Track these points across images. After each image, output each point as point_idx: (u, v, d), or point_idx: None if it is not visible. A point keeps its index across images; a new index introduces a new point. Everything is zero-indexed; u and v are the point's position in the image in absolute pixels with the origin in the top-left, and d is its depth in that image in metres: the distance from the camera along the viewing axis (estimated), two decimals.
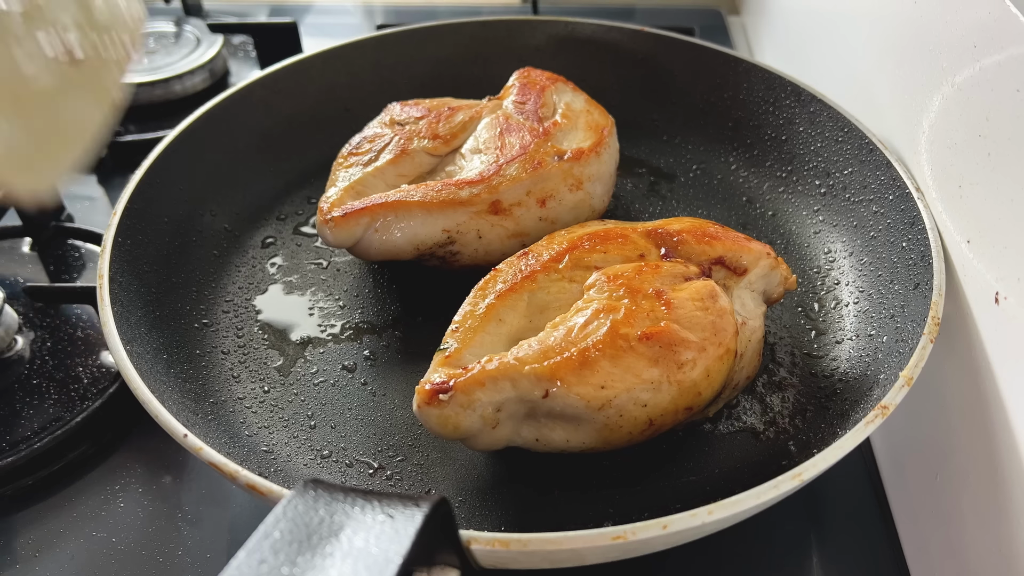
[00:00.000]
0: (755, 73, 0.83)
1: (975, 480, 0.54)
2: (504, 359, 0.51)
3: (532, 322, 0.56)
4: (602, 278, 0.56)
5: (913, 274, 0.61)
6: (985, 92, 0.55)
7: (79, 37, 0.40)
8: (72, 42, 0.39)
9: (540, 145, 0.70)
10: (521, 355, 0.52)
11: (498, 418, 0.52)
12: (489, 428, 0.52)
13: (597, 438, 0.53)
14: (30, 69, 0.37)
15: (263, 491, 0.46)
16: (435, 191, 0.67)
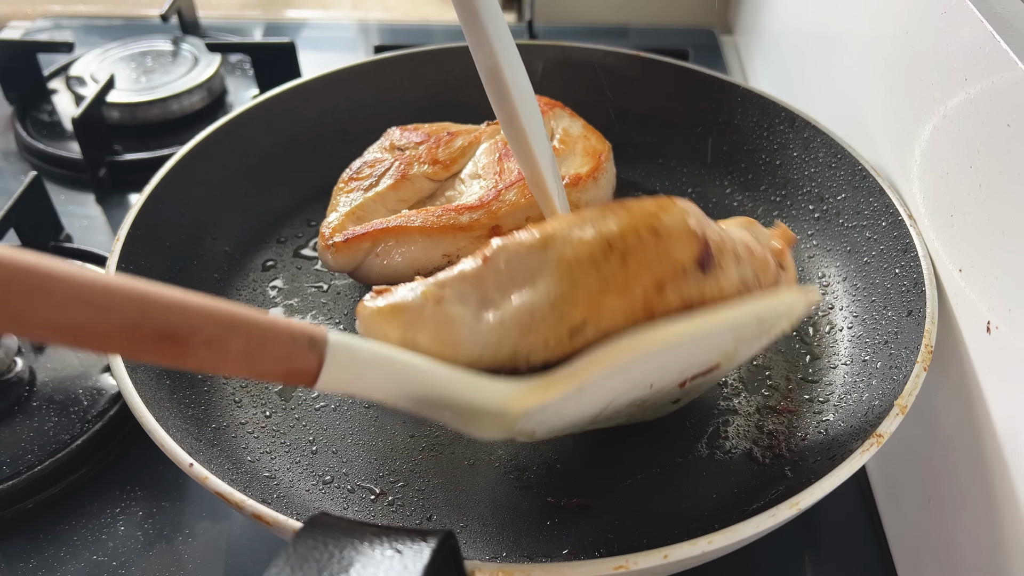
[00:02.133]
0: (750, 99, 0.85)
1: (969, 506, 0.55)
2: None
3: None
4: None
5: (906, 301, 0.62)
6: (976, 124, 0.56)
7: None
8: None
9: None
10: None
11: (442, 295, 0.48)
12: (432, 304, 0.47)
13: (559, 290, 0.45)
14: None
15: (269, 521, 0.47)
16: (435, 216, 0.68)
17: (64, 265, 0.33)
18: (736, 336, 0.49)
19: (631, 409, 0.54)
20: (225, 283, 0.75)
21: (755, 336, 0.51)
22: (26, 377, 0.73)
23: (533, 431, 0.49)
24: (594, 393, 0.46)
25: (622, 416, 0.55)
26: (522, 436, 0.49)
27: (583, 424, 0.53)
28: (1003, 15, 0.56)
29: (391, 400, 0.44)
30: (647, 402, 0.53)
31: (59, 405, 0.71)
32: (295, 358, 0.40)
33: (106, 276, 0.34)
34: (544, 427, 0.49)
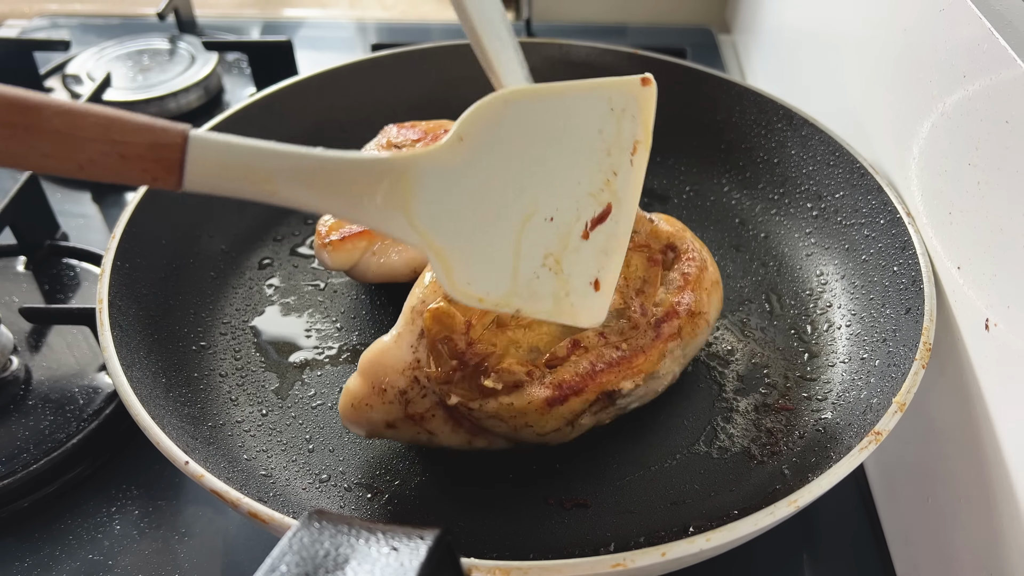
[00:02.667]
0: (747, 96, 0.84)
1: (966, 504, 0.55)
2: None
3: None
4: None
5: (904, 299, 0.62)
6: (974, 121, 0.56)
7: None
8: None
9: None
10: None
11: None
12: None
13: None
14: None
15: (265, 519, 0.46)
16: None
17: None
18: (587, 123, 0.51)
19: (552, 282, 0.52)
20: (221, 281, 0.75)
21: (614, 130, 0.53)
22: (22, 376, 0.73)
23: (447, 254, 0.48)
24: (483, 161, 0.47)
25: (546, 292, 0.52)
26: (448, 273, 0.48)
27: (506, 275, 0.51)
28: (1002, 12, 0.56)
29: (269, 185, 0.42)
30: (563, 267, 0.52)
31: (55, 404, 0.70)
32: (158, 131, 0.38)
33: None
34: (458, 246, 0.48)
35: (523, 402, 0.53)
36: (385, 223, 0.46)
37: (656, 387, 0.58)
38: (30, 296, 0.81)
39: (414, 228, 0.46)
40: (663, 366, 0.57)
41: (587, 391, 0.53)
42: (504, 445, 0.58)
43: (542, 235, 0.51)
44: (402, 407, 0.56)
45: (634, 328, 0.56)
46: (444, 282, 0.48)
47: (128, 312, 0.62)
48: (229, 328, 0.71)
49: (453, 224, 0.48)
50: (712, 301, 0.61)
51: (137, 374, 0.57)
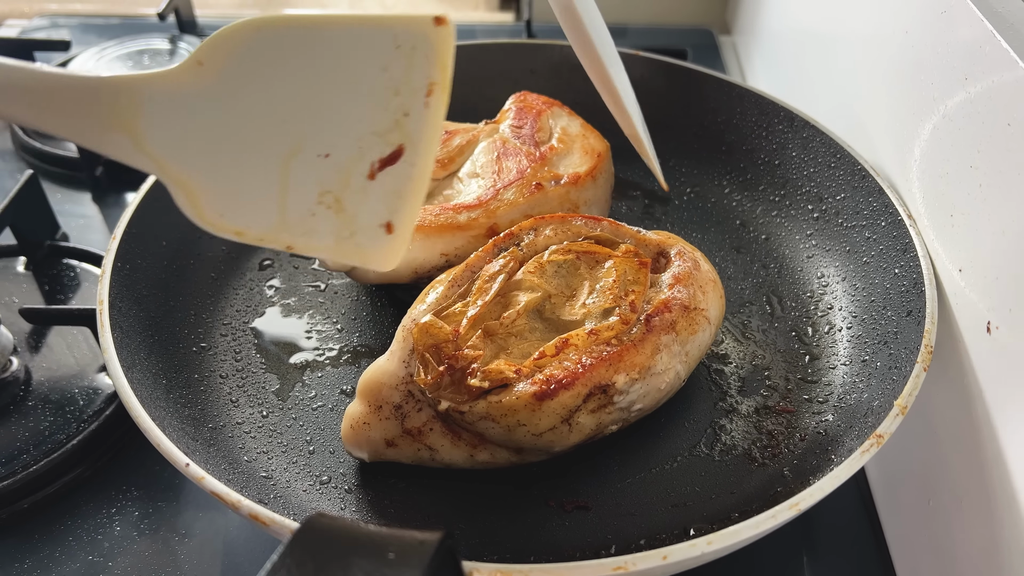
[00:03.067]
0: (748, 98, 0.84)
1: (967, 506, 0.55)
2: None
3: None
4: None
5: (906, 301, 0.62)
6: (976, 124, 0.56)
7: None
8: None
9: (537, 170, 0.71)
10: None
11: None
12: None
13: None
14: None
15: (265, 521, 0.46)
16: (433, 215, 0.68)
17: None
18: (368, 61, 0.47)
19: (332, 220, 0.50)
20: (222, 282, 0.74)
21: (403, 69, 0.47)
22: (22, 376, 0.73)
23: (191, 183, 0.46)
24: (230, 93, 0.45)
25: (326, 231, 0.50)
26: (193, 203, 0.46)
27: (271, 209, 0.48)
28: (1003, 14, 0.56)
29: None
30: (344, 207, 0.49)
31: (55, 404, 0.70)
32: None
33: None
34: (205, 177, 0.46)
35: (511, 398, 0.52)
36: (108, 146, 0.44)
37: (657, 384, 0.57)
38: (30, 296, 0.81)
39: (143, 152, 0.44)
40: (659, 361, 0.56)
41: (577, 384, 0.53)
42: (508, 458, 0.57)
43: (315, 171, 0.48)
44: (398, 422, 0.56)
45: (625, 324, 0.56)
46: (189, 212, 0.46)
47: (129, 313, 0.62)
48: (230, 329, 0.71)
49: (195, 151, 0.46)
50: (709, 298, 0.61)
51: (137, 376, 0.57)
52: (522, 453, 0.57)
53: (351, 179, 0.49)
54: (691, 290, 0.59)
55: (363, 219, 0.51)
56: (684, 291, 0.59)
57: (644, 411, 0.58)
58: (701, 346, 0.60)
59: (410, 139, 0.49)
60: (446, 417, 0.55)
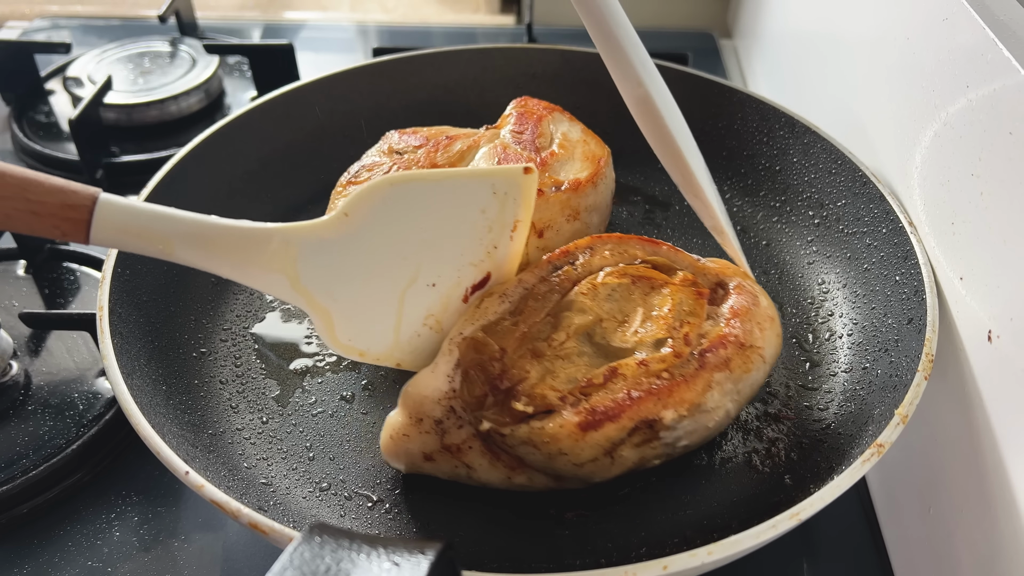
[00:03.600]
0: (749, 103, 0.84)
1: (968, 515, 0.54)
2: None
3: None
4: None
5: (907, 309, 0.62)
6: (978, 132, 0.56)
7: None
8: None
9: (538, 175, 0.71)
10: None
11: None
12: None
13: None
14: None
15: (265, 530, 0.46)
16: None
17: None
18: (471, 204, 0.57)
19: (432, 339, 0.60)
20: (222, 288, 0.74)
21: (497, 210, 0.58)
22: (21, 380, 0.73)
23: (330, 313, 0.54)
24: (365, 235, 0.53)
25: (427, 348, 0.60)
26: (328, 329, 0.55)
27: (389, 334, 0.58)
28: (1006, 22, 0.56)
29: (167, 245, 0.49)
30: (443, 327, 0.60)
31: (55, 409, 0.70)
32: (69, 193, 0.44)
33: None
34: (341, 307, 0.55)
35: (555, 426, 0.51)
36: (270, 286, 0.52)
37: (706, 422, 0.54)
38: (30, 300, 0.81)
39: (297, 290, 0.53)
40: (710, 398, 0.53)
41: (623, 418, 0.51)
42: (546, 483, 0.56)
43: (424, 299, 0.58)
44: (438, 437, 0.55)
45: (677, 357, 0.54)
46: (325, 337, 0.55)
47: (128, 319, 0.62)
48: (230, 334, 0.71)
49: (335, 287, 0.54)
50: (767, 336, 0.58)
51: (137, 382, 0.57)
52: (561, 481, 0.55)
53: (450, 303, 0.59)
54: (748, 326, 0.57)
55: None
56: (741, 327, 0.56)
57: (690, 448, 0.56)
58: (754, 385, 0.57)
59: (496, 265, 0.60)
60: (486, 437, 0.54)
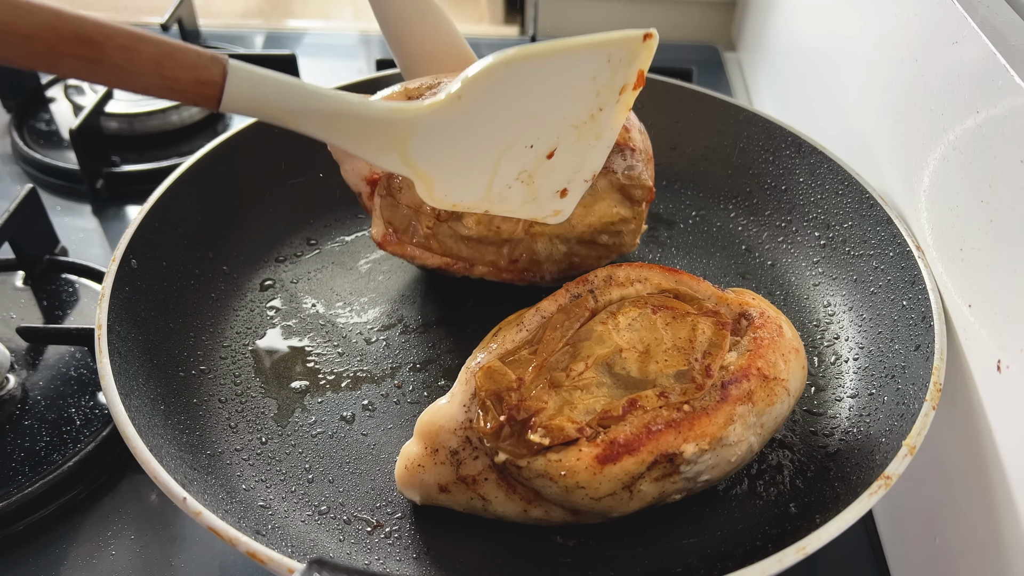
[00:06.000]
0: (755, 122, 0.84)
1: (975, 545, 0.54)
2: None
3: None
4: None
5: (914, 335, 0.61)
6: (988, 159, 0.55)
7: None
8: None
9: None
10: None
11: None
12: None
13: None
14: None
15: (263, 559, 0.46)
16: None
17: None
18: (584, 73, 0.56)
19: (522, 191, 0.61)
20: (222, 303, 0.74)
21: (608, 76, 0.57)
22: (18, 394, 0.72)
23: (432, 178, 0.56)
24: (476, 113, 0.54)
25: (516, 198, 0.62)
26: (429, 190, 0.57)
27: (481, 189, 0.59)
28: (1017, 48, 0.55)
29: (292, 120, 0.50)
30: (535, 181, 0.61)
31: (51, 424, 0.70)
32: (201, 68, 0.45)
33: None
34: (443, 172, 0.57)
35: (572, 459, 0.50)
36: (382, 160, 0.54)
37: (728, 456, 0.53)
38: (28, 312, 0.81)
39: (406, 163, 0.55)
40: (732, 432, 0.52)
41: (643, 451, 0.50)
42: (563, 517, 0.55)
43: (520, 158, 0.59)
44: (454, 468, 0.55)
45: (699, 389, 0.53)
46: (424, 195, 0.57)
47: (127, 337, 0.62)
48: (229, 352, 0.70)
49: (442, 158, 0.56)
50: (791, 368, 0.56)
51: (135, 403, 0.56)
52: (578, 515, 0.54)
53: (545, 160, 0.60)
54: (772, 358, 0.56)
55: (545, 189, 0.63)
56: (765, 359, 0.55)
57: (711, 483, 0.55)
58: (778, 418, 0.56)
59: (599, 128, 0.61)
60: (502, 469, 0.53)
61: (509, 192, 0.61)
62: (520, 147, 0.58)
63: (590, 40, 0.56)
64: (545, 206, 0.64)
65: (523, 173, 0.60)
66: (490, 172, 0.58)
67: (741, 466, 0.56)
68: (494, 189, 0.60)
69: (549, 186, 0.62)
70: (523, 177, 0.60)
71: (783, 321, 0.59)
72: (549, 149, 0.59)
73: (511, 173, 0.59)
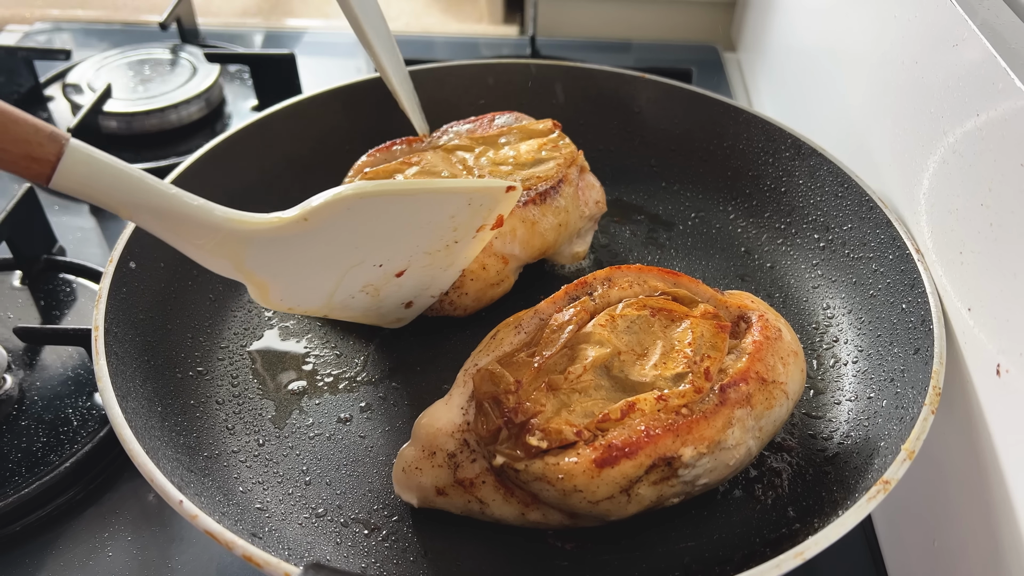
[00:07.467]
0: (755, 124, 0.84)
1: (973, 549, 0.54)
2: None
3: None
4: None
5: (913, 338, 0.61)
6: (988, 162, 0.55)
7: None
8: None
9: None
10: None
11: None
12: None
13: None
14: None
15: (259, 563, 0.45)
16: None
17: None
18: (442, 212, 0.58)
19: (366, 301, 0.63)
20: (220, 304, 0.73)
21: (467, 217, 0.59)
22: (15, 395, 0.72)
23: (268, 284, 0.56)
24: (322, 234, 0.54)
25: (359, 307, 0.63)
26: (262, 294, 0.56)
27: (322, 298, 0.60)
28: (1018, 50, 0.55)
29: (125, 211, 0.50)
30: (380, 294, 0.62)
31: (48, 425, 0.69)
32: (34, 144, 0.45)
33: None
34: (281, 281, 0.56)
35: (569, 463, 0.50)
36: (215, 265, 0.54)
37: (726, 459, 0.53)
38: (25, 312, 0.80)
39: (239, 270, 0.55)
40: (730, 435, 0.52)
41: (640, 455, 0.50)
42: (560, 520, 0.55)
43: (368, 274, 0.60)
44: (451, 471, 0.55)
45: (697, 393, 0.52)
46: (256, 297, 0.57)
47: (124, 339, 0.61)
48: (227, 353, 0.70)
49: (281, 269, 0.56)
50: (790, 371, 0.56)
51: (132, 404, 0.56)
52: (576, 518, 0.54)
53: (394, 278, 0.61)
54: (771, 361, 0.55)
55: (391, 300, 0.64)
56: (763, 362, 0.55)
57: (709, 486, 0.55)
58: (776, 422, 0.56)
59: (452, 256, 0.62)
60: (500, 472, 0.53)
61: (352, 301, 0.62)
62: (368, 265, 0.59)
63: (451, 185, 0.60)
64: (388, 315, 0.67)
65: (369, 287, 0.61)
66: (333, 284, 0.59)
67: (739, 470, 0.56)
68: (336, 299, 0.61)
69: (395, 299, 0.64)
70: (368, 290, 0.61)
71: (782, 324, 0.59)
72: (399, 269, 0.61)
73: (355, 286, 0.61)
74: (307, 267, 0.56)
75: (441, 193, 0.57)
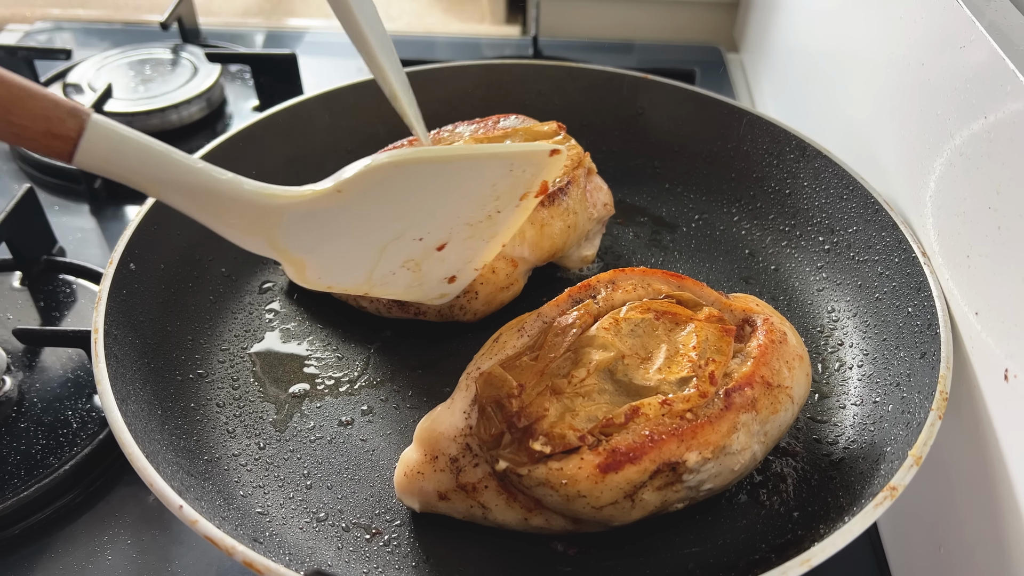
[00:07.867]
0: (759, 125, 0.83)
1: (980, 556, 0.53)
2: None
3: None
4: None
5: (919, 342, 0.61)
6: (996, 164, 0.55)
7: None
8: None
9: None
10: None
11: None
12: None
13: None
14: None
15: (260, 569, 0.45)
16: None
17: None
18: (482, 179, 0.55)
19: (408, 277, 0.60)
20: (221, 306, 0.73)
21: (509, 184, 0.56)
22: (15, 396, 0.71)
23: (305, 261, 0.54)
24: (357, 207, 0.52)
25: (400, 284, 0.61)
26: (299, 272, 0.54)
27: (362, 274, 0.58)
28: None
29: (152, 187, 0.47)
30: (421, 269, 0.60)
31: (47, 427, 0.69)
32: (54, 120, 0.43)
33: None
34: (317, 257, 0.54)
35: (573, 468, 0.49)
36: (247, 242, 0.52)
37: (731, 464, 0.52)
38: (25, 313, 0.80)
39: (273, 247, 0.53)
40: (735, 440, 0.52)
41: (645, 460, 0.49)
42: (563, 525, 0.54)
43: (407, 249, 0.58)
44: (453, 476, 0.54)
45: (702, 397, 0.52)
46: (293, 276, 0.55)
47: (124, 341, 0.61)
48: (227, 355, 0.69)
49: (316, 245, 0.54)
50: (795, 375, 0.56)
51: (132, 408, 0.56)
52: (579, 524, 0.54)
53: (435, 251, 0.59)
54: (776, 365, 0.55)
55: (433, 275, 0.62)
56: (768, 366, 0.54)
57: (714, 491, 0.54)
58: (782, 426, 0.55)
59: (495, 227, 0.60)
60: (503, 477, 0.53)
61: (393, 278, 0.60)
62: (408, 239, 0.57)
63: (492, 150, 0.56)
64: (431, 291, 0.65)
65: (410, 262, 0.59)
66: (373, 260, 0.57)
67: (744, 474, 0.55)
68: (376, 275, 0.59)
69: (437, 274, 0.62)
70: (410, 265, 0.59)
71: (787, 327, 0.59)
72: (440, 243, 0.58)
73: (396, 261, 0.58)
74: (344, 242, 0.54)
75: (481, 159, 0.54)
